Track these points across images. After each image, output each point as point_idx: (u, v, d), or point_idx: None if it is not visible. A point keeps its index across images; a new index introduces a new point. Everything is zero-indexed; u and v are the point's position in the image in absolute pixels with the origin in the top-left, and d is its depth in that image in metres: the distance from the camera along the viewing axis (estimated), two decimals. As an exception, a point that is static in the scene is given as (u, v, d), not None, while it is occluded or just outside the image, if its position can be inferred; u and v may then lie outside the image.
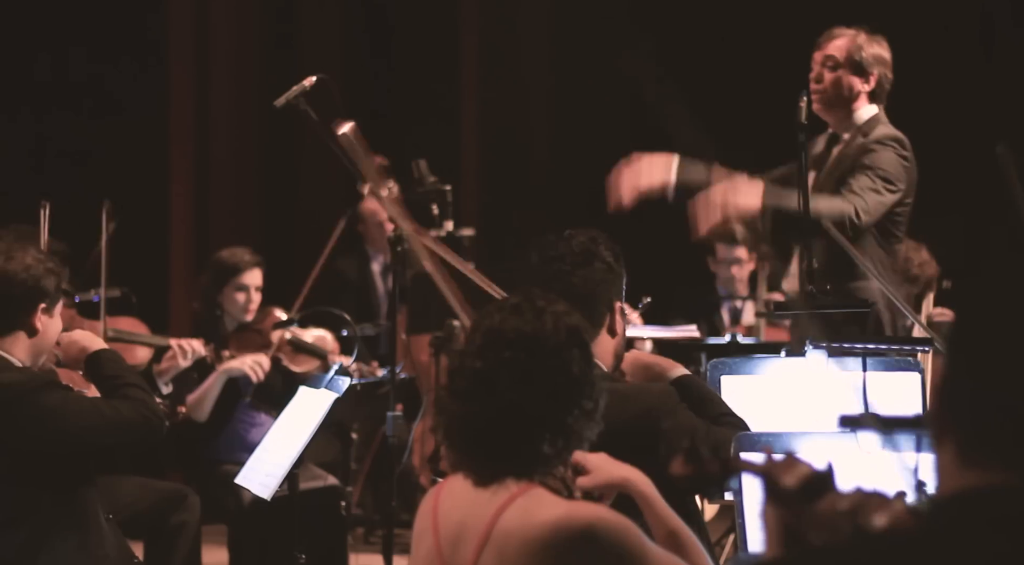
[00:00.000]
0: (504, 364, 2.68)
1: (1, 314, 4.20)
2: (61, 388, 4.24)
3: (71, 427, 4.15)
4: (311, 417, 4.60)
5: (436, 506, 2.77)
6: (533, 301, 2.75)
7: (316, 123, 4.89)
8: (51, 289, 4.23)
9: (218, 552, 6.14)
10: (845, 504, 1.86)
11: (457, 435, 2.74)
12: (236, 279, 6.35)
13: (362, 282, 8.18)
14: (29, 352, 4.25)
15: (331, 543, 5.88)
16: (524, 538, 2.60)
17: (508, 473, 2.68)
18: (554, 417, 2.68)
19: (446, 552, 2.71)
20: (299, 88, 4.91)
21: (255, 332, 6.37)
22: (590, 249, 3.51)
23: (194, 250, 9.41)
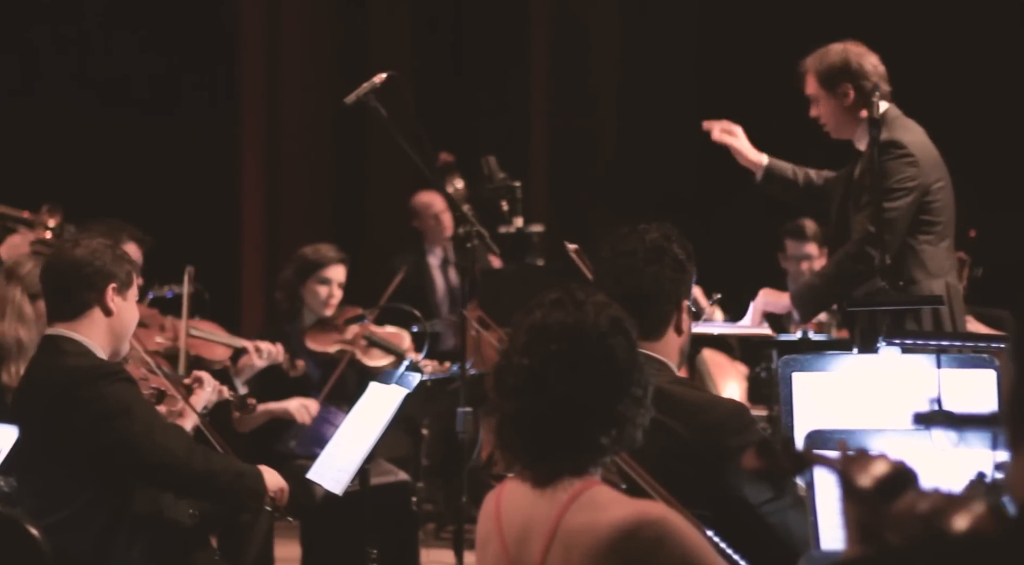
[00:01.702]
0: (551, 357, 2.68)
1: (72, 296, 4.25)
2: (130, 382, 4.24)
3: (126, 430, 4.13)
4: (382, 413, 4.62)
5: (498, 509, 2.77)
6: (572, 294, 2.75)
7: (386, 120, 4.90)
8: (121, 273, 4.28)
9: (290, 547, 6.18)
10: (925, 505, 1.83)
11: (511, 433, 2.74)
12: (319, 273, 6.40)
13: (418, 279, 8.19)
14: (107, 336, 4.28)
15: (402, 538, 5.90)
16: (591, 537, 2.60)
17: (565, 468, 2.68)
18: (605, 406, 2.68)
19: (513, 554, 2.71)
20: (369, 85, 4.93)
21: (332, 327, 6.41)
22: (662, 246, 3.49)
23: (265, 248, 9.48)
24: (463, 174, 7.88)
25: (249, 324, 8.85)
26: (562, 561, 2.62)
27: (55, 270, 4.30)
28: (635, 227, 3.54)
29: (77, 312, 4.25)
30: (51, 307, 4.33)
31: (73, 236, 4.39)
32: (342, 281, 6.44)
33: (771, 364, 5.86)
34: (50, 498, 4.20)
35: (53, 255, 4.34)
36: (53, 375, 4.19)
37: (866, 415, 3.72)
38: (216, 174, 9.42)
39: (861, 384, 3.78)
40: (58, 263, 4.30)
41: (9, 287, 5.06)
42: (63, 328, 4.25)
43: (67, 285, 4.25)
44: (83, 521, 4.16)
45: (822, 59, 5.12)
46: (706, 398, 3.52)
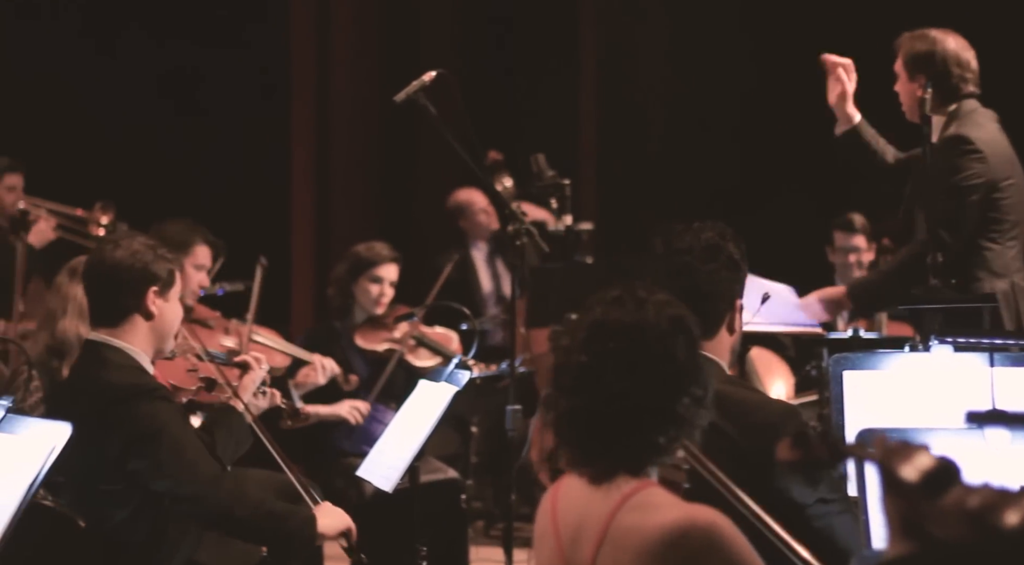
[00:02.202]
0: (609, 356, 2.67)
1: (113, 302, 4.22)
2: (168, 401, 4.18)
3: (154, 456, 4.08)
4: (431, 410, 4.63)
5: (555, 505, 2.76)
6: (634, 292, 2.73)
7: (435, 118, 4.91)
8: (162, 273, 4.24)
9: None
10: (976, 500, 1.80)
11: (568, 430, 2.73)
12: (372, 271, 6.42)
13: (464, 276, 8.20)
14: (150, 339, 4.25)
15: (451, 536, 5.92)
16: (641, 538, 2.59)
17: (622, 466, 2.67)
18: (663, 406, 2.66)
19: (567, 551, 2.70)
20: (419, 83, 4.93)
21: (381, 325, 6.43)
22: (718, 244, 3.47)
23: (314, 246, 9.51)
24: (512, 172, 7.89)
25: (298, 321, 8.90)
26: (612, 561, 2.62)
27: (95, 275, 4.27)
28: (690, 224, 3.52)
29: (118, 319, 4.22)
30: (94, 312, 4.31)
31: (114, 237, 4.35)
32: (394, 280, 6.46)
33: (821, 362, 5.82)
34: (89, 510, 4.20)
35: (94, 258, 4.31)
36: (91, 388, 4.16)
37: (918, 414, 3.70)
38: (266, 172, 9.46)
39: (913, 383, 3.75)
40: (99, 267, 4.26)
41: (72, 285, 5.10)
42: (105, 334, 4.23)
43: (108, 291, 4.22)
44: (128, 530, 4.17)
45: (912, 43, 5.00)
46: (757, 399, 3.49)
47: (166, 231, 5.83)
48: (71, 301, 5.07)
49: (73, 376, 4.37)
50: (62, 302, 5.10)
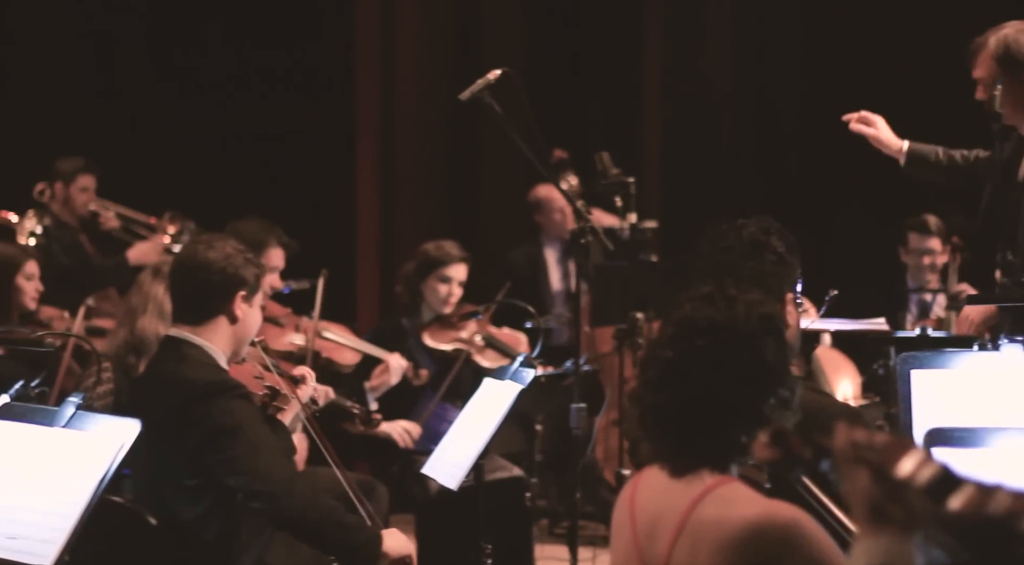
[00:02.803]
0: (696, 353, 2.66)
1: (201, 300, 4.25)
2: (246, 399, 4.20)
3: (233, 451, 4.10)
4: (496, 408, 4.63)
5: (633, 496, 2.76)
6: (725, 290, 2.72)
7: (500, 116, 4.91)
8: (250, 279, 4.27)
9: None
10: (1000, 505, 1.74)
11: (651, 425, 2.73)
12: (441, 270, 6.41)
13: (534, 273, 8.20)
14: (230, 341, 4.30)
15: (516, 533, 5.92)
16: (720, 532, 2.58)
17: (703, 463, 2.66)
18: (749, 405, 2.65)
19: (643, 543, 2.70)
20: (484, 81, 4.94)
21: (449, 324, 6.44)
22: (761, 240, 3.44)
23: (380, 244, 9.55)
24: (577, 170, 7.88)
25: (364, 319, 8.93)
26: (689, 554, 2.61)
27: (186, 273, 4.29)
28: (733, 222, 3.50)
29: (203, 318, 4.26)
30: (178, 308, 4.33)
31: (207, 238, 4.38)
32: (463, 279, 6.46)
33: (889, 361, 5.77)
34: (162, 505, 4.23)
35: (186, 257, 4.33)
36: (170, 384, 4.20)
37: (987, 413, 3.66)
38: (331, 170, 9.51)
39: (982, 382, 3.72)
40: (190, 266, 4.28)
41: (154, 284, 5.16)
42: (187, 331, 4.27)
43: (196, 290, 4.25)
44: (201, 526, 4.20)
45: (1005, 42, 4.88)
46: (818, 401, 3.44)
47: (241, 230, 5.87)
48: (152, 300, 5.13)
49: (152, 370, 4.41)
50: (143, 300, 5.16)
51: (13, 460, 3.47)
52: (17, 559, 3.31)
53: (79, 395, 3.57)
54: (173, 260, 4.49)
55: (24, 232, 8.19)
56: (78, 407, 3.51)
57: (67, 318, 7.04)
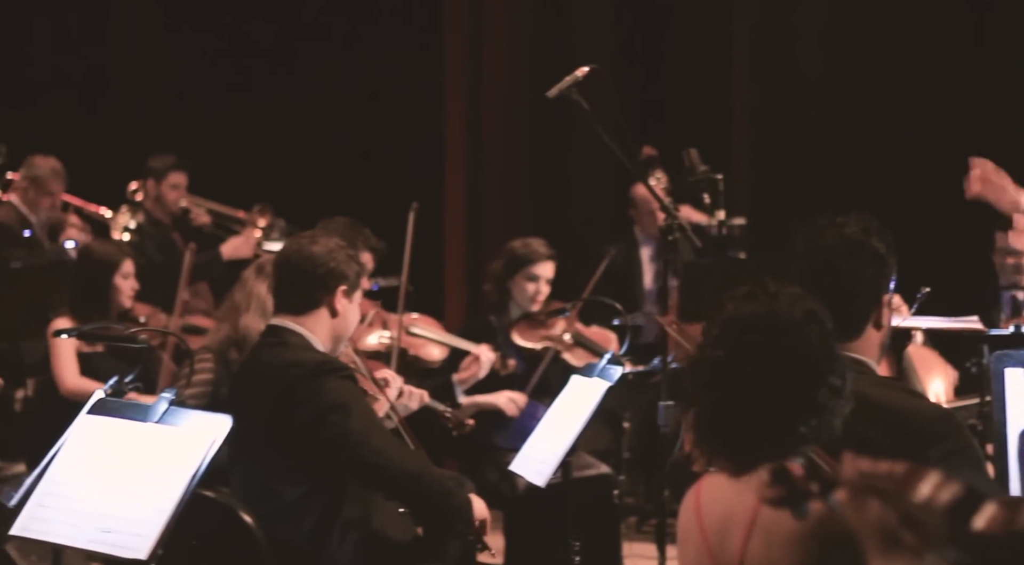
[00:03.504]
0: (745, 348, 2.67)
1: (304, 292, 4.35)
2: (353, 380, 4.32)
3: (346, 425, 4.19)
4: (584, 406, 4.63)
5: (698, 503, 2.76)
6: (764, 286, 2.73)
7: (588, 113, 4.90)
8: (351, 275, 4.38)
9: (494, 538, 6.21)
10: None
11: (708, 426, 2.73)
12: (528, 268, 6.40)
13: (628, 269, 8.18)
14: (330, 334, 4.38)
15: (604, 531, 5.92)
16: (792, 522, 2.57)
17: (765, 458, 2.66)
18: (803, 395, 2.66)
19: (714, 547, 2.70)
20: (571, 79, 4.93)
21: (537, 322, 6.44)
22: (860, 240, 3.38)
23: (467, 241, 9.57)
24: (665, 167, 7.86)
25: (452, 317, 8.96)
26: (763, 549, 2.61)
27: (291, 265, 4.38)
28: (833, 219, 3.45)
29: (305, 308, 4.35)
30: (280, 299, 4.43)
31: (312, 233, 4.50)
32: (550, 277, 6.45)
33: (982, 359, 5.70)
34: (263, 489, 4.29)
35: (292, 250, 4.42)
36: (276, 366, 4.28)
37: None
38: (419, 167, 9.55)
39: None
40: (295, 258, 4.38)
41: (257, 282, 5.23)
42: (289, 320, 4.36)
43: (300, 281, 4.35)
44: (296, 515, 4.24)
45: None
46: (907, 404, 3.34)
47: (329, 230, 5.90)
48: (255, 298, 5.20)
49: (255, 356, 4.49)
50: (247, 298, 5.24)
51: (108, 455, 3.52)
52: (112, 552, 3.36)
53: (172, 391, 3.62)
54: (278, 252, 4.58)
55: (118, 227, 8.32)
56: (171, 403, 3.56)
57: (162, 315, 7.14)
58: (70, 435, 3.64)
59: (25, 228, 7.98)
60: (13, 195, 8.13)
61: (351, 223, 6.16)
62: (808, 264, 3.38)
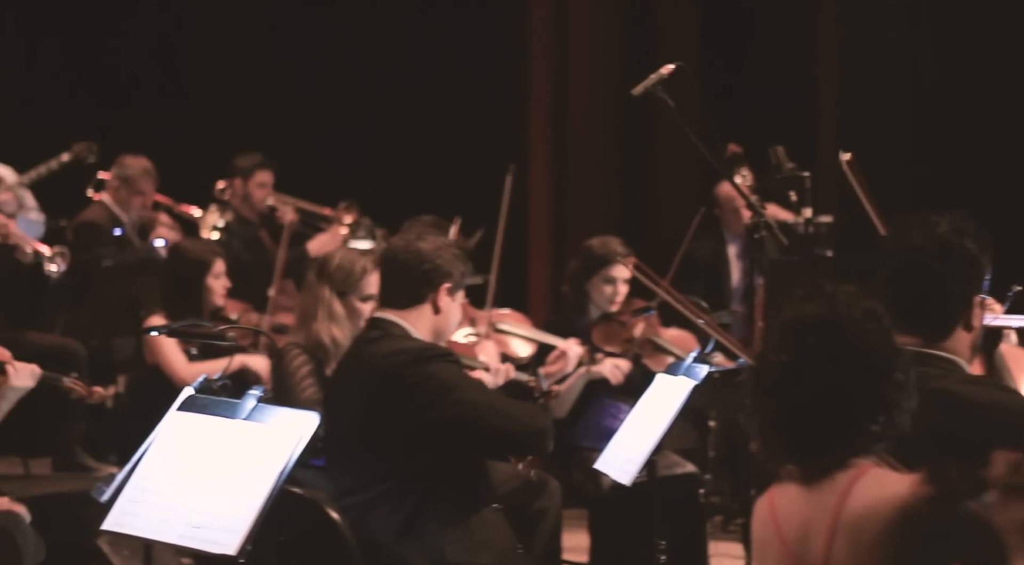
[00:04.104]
0: (809, 350, 2.65)
1: (408, 286, 4.41)
2: (458, 364, 4.40)
3: (466, 400, 4.27)
4: (669, 404, 4.62)
5: (773, 511, 2.74)
6: (821, 287, 2.72)
7: (674, 111, 4.89)
8: (456, 273, 4.44)
9: (579, 536, 6.23)
10: None
11: (776, 432, 2.71)
12: (605, 271, 6.35)
13: (716, 267, 8.14)
14: (430, 331, 4.43)
15: (689, 530, 5.89)
16: (877, 518, 2.55)
17: (837, 459, 2.65)
18: (871, 392, 2.64)
19: (795, 552, 2.67)
20: (656, 76, 4.92)
21: (618, 323, 6.40)
22: (951, 241, 3.30)
23: (552, 237, 9.58)
24: (751, 165, 7.81)
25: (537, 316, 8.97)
26: (849, 551, 2.58)
27: (398, 259, 4.45)
28: (925, 217, 3.38)
29: (409, 303, 4.41)
30: (385, 293, 4.50)
31: (419, 229, 4.58)
32: (627, 277, 6.40)
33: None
34: (361, 475, 4.33)
35: (400, 244, 4.49)
36: (379, 355, 4.34)
37: None
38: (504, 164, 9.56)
39: None
40: (402, 253, 4.44)
41: (319, 286, 5.25)
42: (392, 314, 4.42)
43: (406, 276, 4.41)
44: (394, 500, 4.28)
45: None
46: (998, 398, 3.29)
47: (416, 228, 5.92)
48: (321, 303, 5.22)
49: (356, 349, 4.54)
50: (314, 304, 5.25)
51: (197, 451, 3.56)
52: (202, 548, 3.40)
53: (260, 388, 3.65)
54: (385, 247, 4.63)
55: (207, 226, 8.41)
56: (259, 400, 3.59)
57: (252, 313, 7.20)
58: (160, 432, 3.68)
59: (116, 227, 8.09)
60: (105, 194, 8.24)
61: (436, 222, 6.17)
62: (897, 264, 3.33)
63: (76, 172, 8.46)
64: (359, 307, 5.24)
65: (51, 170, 8.36)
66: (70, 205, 8.44)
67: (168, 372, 6.31)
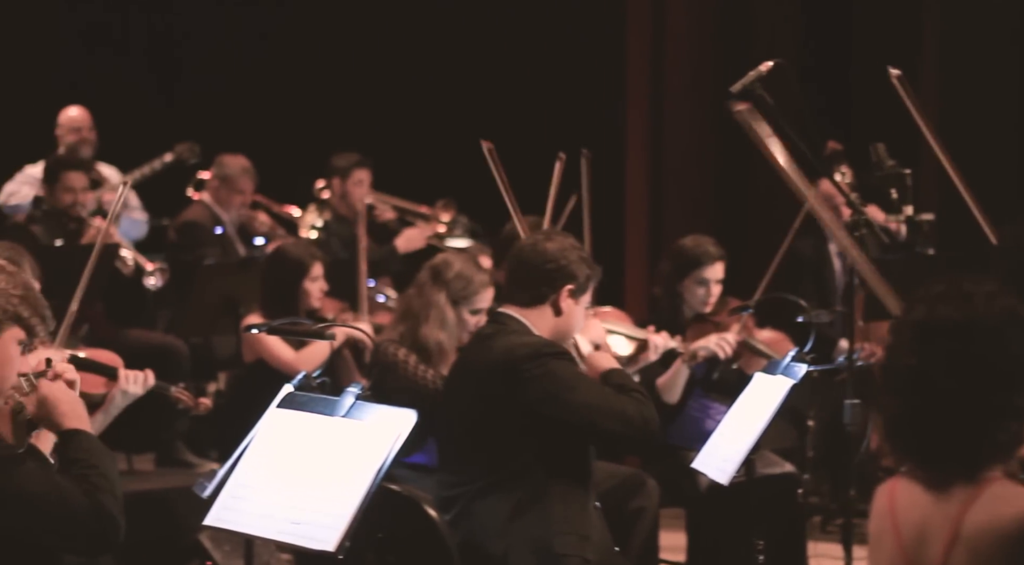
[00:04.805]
0: (938, 356, 2.58)
1: (530, 285, 4.43)
2: (573, 363, 4.40)
3: (582, 401, 4.28)
4: (767, 403, 4.59)
5: (893, 506, 2.69)
6: (959, 286, 2.63)
7: (773, 108, 4.85)
8: (580, 276, 4.44)
9: (676, 536, 6.21)
10: None
11: (900, 434, 2.66)
12: (697, 272, 6.30)
13: (818, 264, 8.06)
14: (551, 332, 4.44)
15: (788, 530, 5.84)
16: (997, 534, 2.50)
17: (962, 466, 2.58)
18: (1003, 401, 2.56)
19: (911, 553, 2.63)
20: (755, 73, 4.88)
21: (712, 324, 6.36)
22: None
23: (649, 235, 9.54)
24: (851, 162, 7.73)
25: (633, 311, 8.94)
26: (968, 560, 2.53)
27: (523, 258, 4.47)
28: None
29: (531, 302, 4.43)
30: (509, 289, 4.53)
31: (548, 230, 4.59)
32: (720, 278, 6.34)
33: None
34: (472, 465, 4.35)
35: (527, 243, 4.52)
36: (497, 349, 4.36)
37: None
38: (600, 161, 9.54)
39: None
40: (528, 252, 4.46)
41: (434, 290, 5.26)
42: (513, 310, 4.44)
43: (529, 275, 4.43)
44: (503, 490, 4.30)
45: None
46: None
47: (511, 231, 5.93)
48: (434, 307, 5.24)
49: (478, 339, 4.58)
50: (424, 306, 5.27)
51: (297, 448, 3.59)
52: (301, 544, 3.43)
53: (358, 385, 3.68)
54: (513, 246, 4.64)
55: (306, 226, 8.49)
56: (357, 397, 3.61)
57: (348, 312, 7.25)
58: (260, 428, 3.72)
59: (217, 226, 8.18)
60: (205, 194, 8.34)
61: (538, 221, 6.17)
62: (1014, 263, 3.27)
63: (177, 172, 8.58)
64: (467, 319, 5.29)
65: (154, 170, 8.49)
66: (171, 205, 8.56)
67: (276, 364, 6.36)
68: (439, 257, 5.61)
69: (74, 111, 8.52)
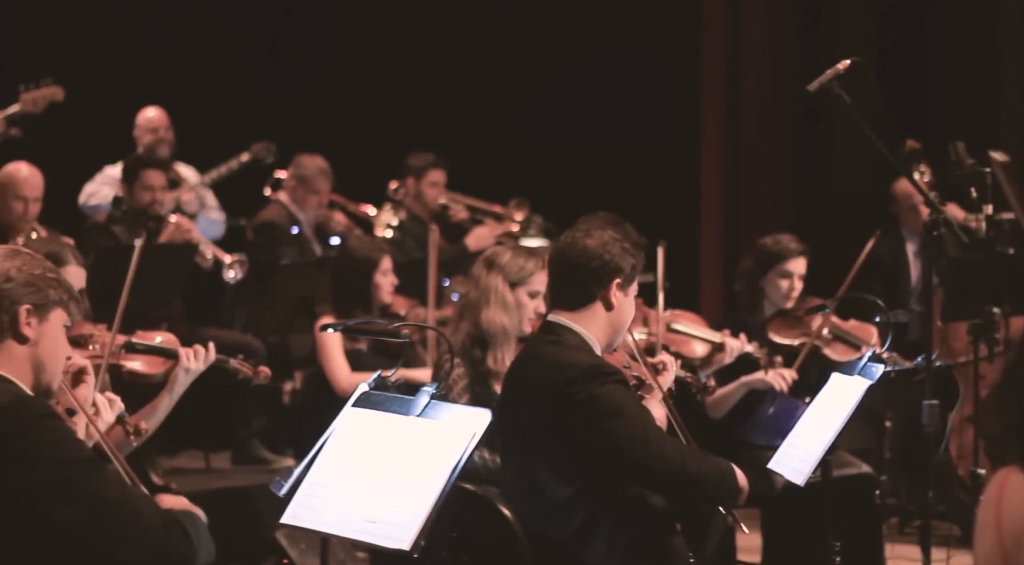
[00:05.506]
0: None
1: (578, 286, 4.31)
2: (627, 385, 4.28)
3: (619, 429, 4.15)
4: (844, 404, 4.56)
5: (1000, 499, 2.64)
6: None
7: (850, 107, 4.82)
8: (627, 268, 4.32)
9: (751, 536, 6.17)
10: None
11: (1012, 435, 2.62)
12: (780, 266, 6.31)
13: (895, 265, 8.01)
14: (605, 329, 4.33)
15: (865, 532, 5.80)
16: None
17: None
18: None
19: (1009, 550, 2.59)
20: (833, 72, 4.85)
21: (793, 318, 6.34)
22: None
23: (724, 235, 9.51)
24: (930, 161, 7.66)
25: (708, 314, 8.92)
26: None
27: (565, 259, 4.35)
28: None
29: (580, 303, 4.31)
30: (555, 294, 4.40)
31: (586, 226, 4.47)
32: (803, 273, 6.35)
33: None
34: (532, 485, 4.30)
35: (565, 243, 4.40)
36: (549, 367, 4.25)
37: None
38: (676, 161, 9.53)
39: None
40: (569, 253, 4.33)
41: (491, 277, 5.25)
42: (564, 317, 4.32)
43: (574, 276, 4.30)
44: (565, 513, 4.21)
45: None
46: None
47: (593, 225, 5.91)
48: (493, 292, 5.22)
49: (529, 352, 4.47)
50: (483, 293, 5.26)
51: (372, 447, 3.60)
52: (376, 542, 3.44)
53: (433, 385, 3.69)
54: (552, 247, 4.58)
55: (381, 224, 8.54)
56: (432, 396, 3.62)
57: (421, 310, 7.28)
58: (336, 427, 3.74)
59: (294, 226, 8.24)
60: (282, 194, 8.40)
61: (613, 219, 6.16)
62: None
63: (254, 172, 8.65)
64: (526, 302, 5.24)
65: (231, 170, 8.57)
66: (249, 204, 8.63)
67: (329, 377, 6.40)
68: (488, 250, 5.61)
69: (152, 112, 8.61)
